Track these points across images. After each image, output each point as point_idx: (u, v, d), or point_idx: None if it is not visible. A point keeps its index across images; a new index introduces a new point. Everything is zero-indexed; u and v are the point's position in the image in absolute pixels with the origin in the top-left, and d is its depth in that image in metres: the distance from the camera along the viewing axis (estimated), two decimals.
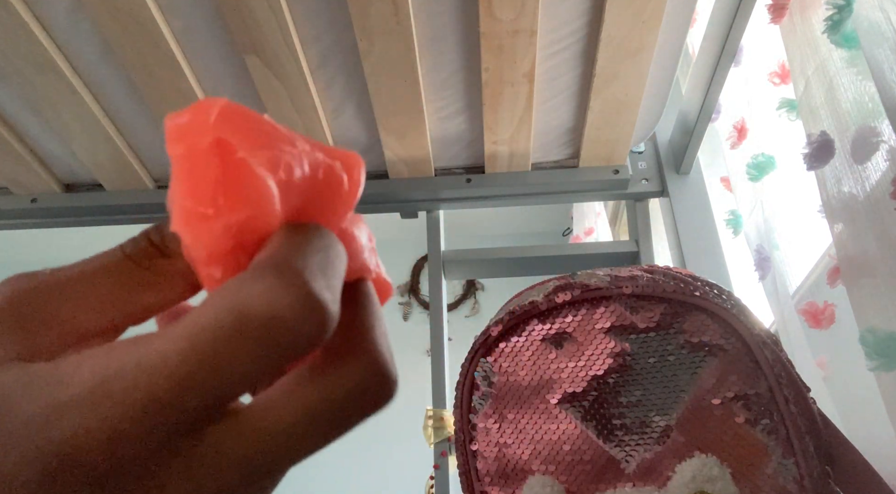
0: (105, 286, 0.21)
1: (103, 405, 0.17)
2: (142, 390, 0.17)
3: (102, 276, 0.21)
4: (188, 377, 0.17)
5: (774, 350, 0.51)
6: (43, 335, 0.20)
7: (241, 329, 0.17)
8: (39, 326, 0.20)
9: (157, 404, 0.17)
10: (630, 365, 0.53)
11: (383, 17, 0.92)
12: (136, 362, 0.17)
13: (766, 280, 0.89)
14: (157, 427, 0.17)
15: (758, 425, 0.49)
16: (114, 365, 0.17)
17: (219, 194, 0.19)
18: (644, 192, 1.26)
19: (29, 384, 0.17)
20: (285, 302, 0.17)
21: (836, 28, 0.65)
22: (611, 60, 0.99)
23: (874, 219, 0.63)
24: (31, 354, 0.19)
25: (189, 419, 0.17)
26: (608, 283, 0.55)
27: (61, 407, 0.17)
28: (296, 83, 1.03)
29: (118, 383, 0.17)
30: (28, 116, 1.14)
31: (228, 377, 0.17)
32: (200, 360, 0.17)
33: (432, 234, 1.31)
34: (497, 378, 0.57)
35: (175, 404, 0.17)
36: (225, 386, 0.17)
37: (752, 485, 0.48)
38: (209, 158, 0.19)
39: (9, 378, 0.18)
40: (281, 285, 0.17)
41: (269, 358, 0.17)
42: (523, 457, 0.55)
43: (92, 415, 0.16)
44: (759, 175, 0.91)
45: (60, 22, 0.97)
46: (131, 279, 0.21)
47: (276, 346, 0.17)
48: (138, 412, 0.17)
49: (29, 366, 0.18)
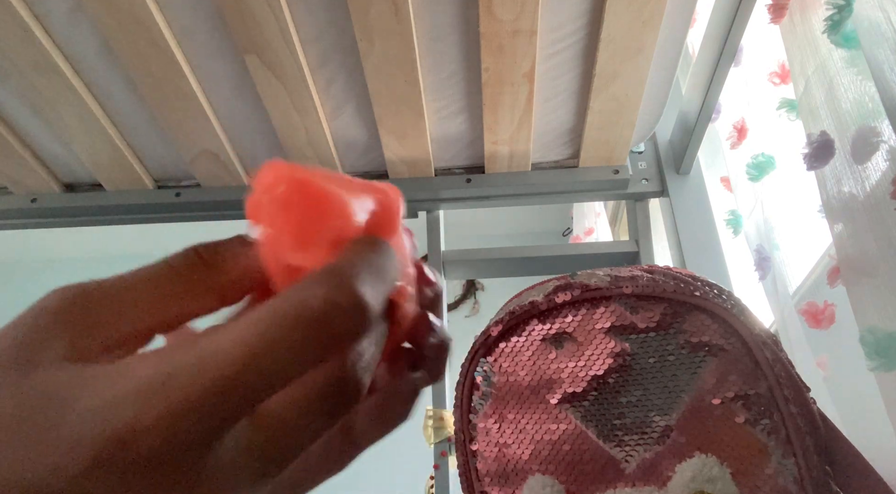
0: (146, 293, 0.23)
1: (165, 392, 0.18)
2: (207, 376, 0.19)
3: (144, 284, 0.23)
4: (251, 362, 0.19)
5: (774, 350, 0.51)
6: (87, 340, 0.21)
7: (301, 320, 0.20)
8: (84, 330, 0.21)
9: (220, 390, 0.19)
10: (630, 365, 0.53)
11: (383, 17, 0.92)
12: (199, 353, 0.19)
13: (766, 280, 0.89)
14: (214, 414, 0.19)
15: (758, 425, 0.49)
16: (177, 357, 0.19)
17: (314, 223, 0.23)
18: (644, 192, 1.26)
19: (86, 379, 0.19)
20: (337, 301, 0.21)
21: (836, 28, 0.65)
22: (611, 60, 0.99)
23: (874, 219, 0.63)
24: (76, 357, 0.21)
25: (243, 405, 0.19)
26: (608, 283, 0.55)
27: (121, 397, 0.18)
28: (296, 83, 1.03)
29: (182, 372, 0.19)
30: (28, 116, 1.14)
31: (285, 363, 0.20)
32: (264, 346, 0.19)
33: (432, 234, 1.31)
34: (497, 378, 0.57)
35: (236, 389, 0.19)
36: (280, 372, 0.20)
37: (752, 485, 0.48)
38: (296, 196, 0.23)
39: (65, 375, 0.19)
40: (335, 288, 0.21)
41: (319, 347, 0.20)
42: (523, 457, 0.55)
43: (153, 402, 0.18)
44: (759, 175, 0.91)
45: (60, 22, 0.97)
46: (171, 288, 0.23)
47: (326, 336, 0.20)
48: (201, 397, 0.18)
49: (84, 366, 0.20)
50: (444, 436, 1.15)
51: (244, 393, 0.19)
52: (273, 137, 1.15)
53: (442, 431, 1.15)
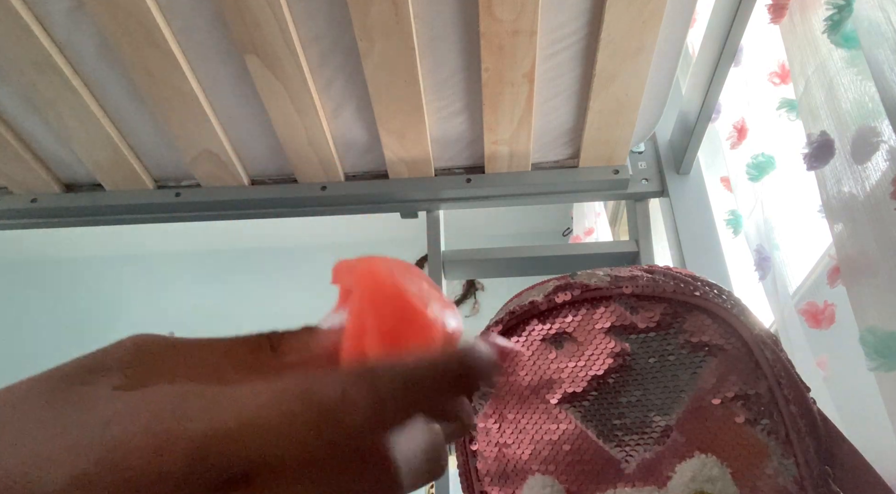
0: (210, 358, 0.25)
1: (169, 431, 0.20)
2: (211, 422, 0.20)
3: (210, 350, 0.25)
4: (252, 422, 0.20)
5: (774, 350, 0.51)
6: (141, 378, 0.23)
7: (309, 401, 0.21)
8: (142, 371, 0.24)
9: (219, 438, 0.20)
10: (630, 365, 0.53)
11: (383, 17, 0.92)
12: (212, 400, 0.21)
13: (766, 280, 0.89)
14: (212, 458, 0.20)
15: (758, 425, 0.49)
16: (191, 401, 0.21)
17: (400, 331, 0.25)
18: (644, 192, 1.26)
19: (115, 402, 0.21)
20: (351, 396, 0.21)
21: (836, 28, 0.65)
22: (611, 60, 0.99)
23: (874, 219, 0.63)
24: (125, 388, 0.23)
25: (238, 461, 0.20)
26: (608, 283, 0.55)
27: (131, 427, 0.20)
28: (296, 83, 1.03)
29: (190, 413, 0.21)
30: (28, 116, 1.14)
31: (282, 433, 0.20)
32: (268, 411, 0.21)
33: (432, 234, 1.31)
34: (497, 378, 0.57)
35: (232, 442, 0.20)
36: (276, 440, 0.20)
37: (752, 485, 0.48)
38: (387, 300, 0.25)
39: (104, 394, 0.22)
40: (357, 383, 0.21)
41: (321, 431, 0.21)
42: (523, 457, 0.55)
43: (149, 437, 0.20)
44: (759, 175, 0.91)
45: (60, 22, 0.97)
46: (233, 360, 0.25)
47: (330, 423, 0.21)
48: (198, 442, 0.20)
49: (122, 393, 0.22)
50: None
51: (238, 450, 0.20)
52: (273, 137, 1.15)
53: None
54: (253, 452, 0.20)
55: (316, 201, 1.27)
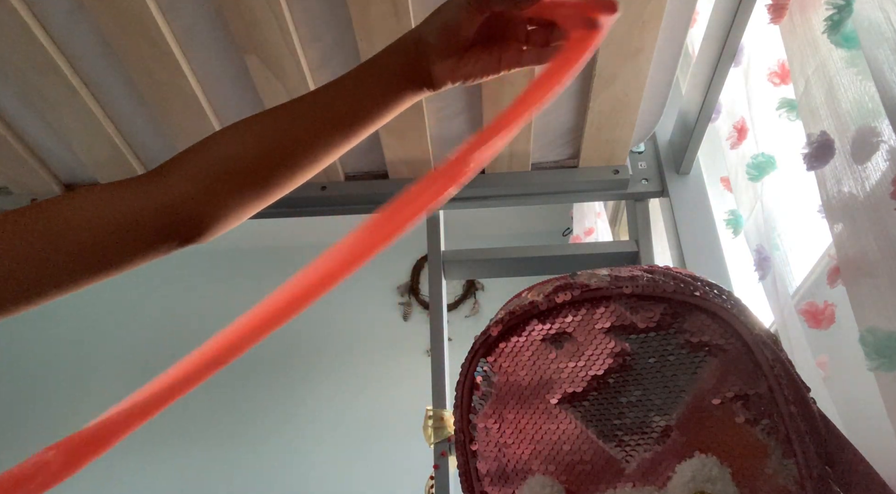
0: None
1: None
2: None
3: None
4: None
5: (774, 350, 0.51)
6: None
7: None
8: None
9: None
10: (630, 365, 0.53)
11: (383, 17, 0.92)
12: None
13: (766, 280, 0.89)
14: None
15: (758, 425, 0.49)
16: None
17: None
18: (644, 192, 1.26)
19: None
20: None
21: (836, 28, 0.65)
22: (611, 60, 0.99)
23: (874, 219, 0.63)
24: None
25: None
26: (608, 283, 0.55)
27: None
28: (296, 83, 1.03)
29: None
30: (28, 116, 1.14)
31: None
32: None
33: (432, 234, 1.31)
34: (497, 378, 0.57)
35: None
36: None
37: (752, 485, 0.48)
38: None
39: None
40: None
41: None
42: (523, 457, 0.55)
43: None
44: (759, 175, 0.91)
45: (60, 22, 0.97)
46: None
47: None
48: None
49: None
50: (444, 436, 1.14)
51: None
52: None
53: (442, 431, 1.15)
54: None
55: (316, 201, 1.27)
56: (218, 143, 0.53)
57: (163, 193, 0.50)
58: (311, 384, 2.82)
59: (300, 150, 0.53)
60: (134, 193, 0.49)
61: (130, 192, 0.49)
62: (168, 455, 2.69)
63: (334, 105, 0.54)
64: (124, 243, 0.48)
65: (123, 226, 0.48)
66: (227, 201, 0.52)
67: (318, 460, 2.66)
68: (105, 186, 0.49)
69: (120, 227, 0.47)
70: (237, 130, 0.53)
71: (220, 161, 0.51)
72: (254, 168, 0.52)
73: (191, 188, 0.50)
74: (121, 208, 0.48)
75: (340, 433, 2.71)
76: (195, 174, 0.51)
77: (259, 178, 0.52)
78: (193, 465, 2.70)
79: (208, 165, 0.51)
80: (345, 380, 2.81)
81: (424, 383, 1.27)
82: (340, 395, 2.78)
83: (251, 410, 2.77)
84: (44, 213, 0.45)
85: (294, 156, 0.53)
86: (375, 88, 0.54)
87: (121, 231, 0.47)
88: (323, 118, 0.54)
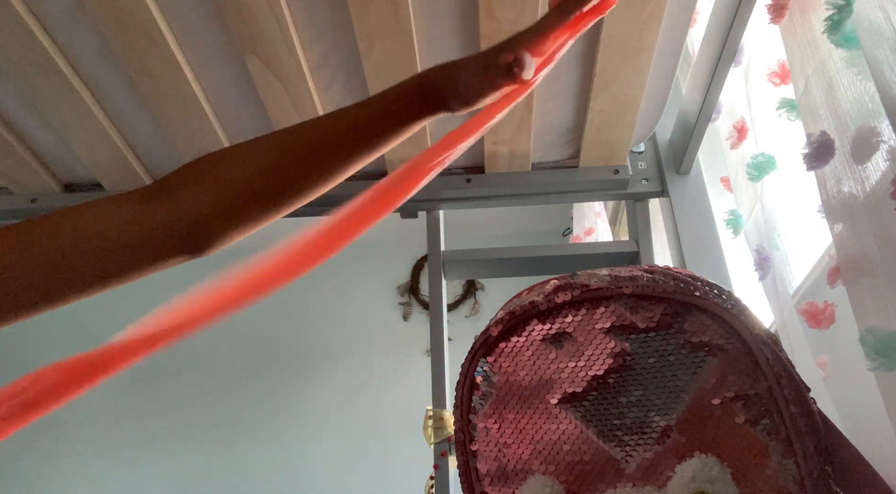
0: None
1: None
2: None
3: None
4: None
5: (774, 350, 0.51)
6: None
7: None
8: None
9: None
10: (630, 365, 0.53)
11: (383, 18, 0.92)
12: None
13: (766, 280, 0.89)
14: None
15: (758, 425, 0.49)
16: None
17: None
18: (644, 192, 1.26)
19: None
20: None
21: (836, 28, 0.65)
22: (611, 60, 0.99)
23: (874, 219, 0.63)
24: None
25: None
26: (608, 283, 0.55)
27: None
28: (296, 83, 1.03)
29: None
30: (28, 116, 1.14)
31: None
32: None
33: (432, 234, 1.31)
34: (497, 378, 0.57)
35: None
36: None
37: (752, 485, 0.48)
38: None
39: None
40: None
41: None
42: (523, 457, 0.55)
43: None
44: (759, 175, 0.91)
45: (60, 22, 0.97)
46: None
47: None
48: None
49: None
50: (444, 436, 1.14)
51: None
52: None
53: (442, 431, 1.15)
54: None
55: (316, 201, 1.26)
56: (227, 160, 0.54)
57: (171, 208, 0.51)
58: (310, 384, 2.82)
59: (311, 168, 0.56)
60: (142, 207, 0.51)
61: (138, 206, 0.51)
62: (167, 455, 2.69)
63: (343, 121, 0.58)
64: (132, 257, 0.49)
65: (131, 240, 0.49)
66: (234, 217, 0.53)
67: (318, 460, 2.66)
68: (112, 198, 0.50)
69: (128, 241, 0.49)
70: (248, 148, 0.55)
71: (229, 179, 0.53)
72: (262, 187, 0.54)
73: (200, 204, 0.52)
74: (129, 222, 0.49)
75: (340, 433, 2.71)
76: (204, 191, 0.52)
77: (267, 197, 0.54)
78: (192, 465, 2.70)
79: (218, 182, 0.52)
80: (345, 380, 2.81)
81: (424, 383, 1.27)
82: (340, 395, 2.78)
83: (251, 410, 2.77)
84: (53, 226, 0.47)
85: (305, 174, 0.56)
86: (388, 107, 0.59)
87: (129, 245, 0.49)
88: (335, 134, 0.57)
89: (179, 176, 0.53)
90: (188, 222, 0.51)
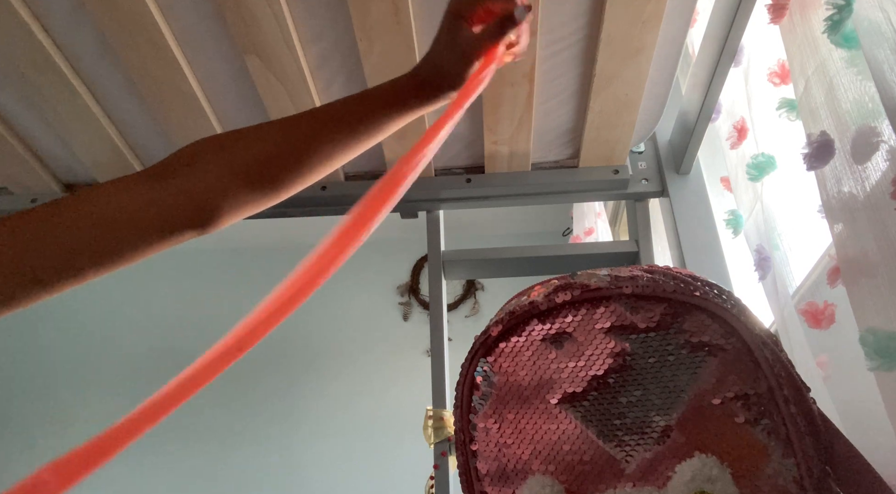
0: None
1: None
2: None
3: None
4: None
5: (774, 350, 0.51)
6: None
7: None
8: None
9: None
10: (630, 365, 0.53)
11: (383, 17, 0.92)
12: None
13: (766, 280, 0.89)
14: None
15: (758, 425, 0.49)
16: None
17: None
18: (644, 192, 1.26)
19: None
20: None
21: (836, 28, 0.65)
22: (611, 60, 0.99)
23: (874, 219, 0.63)
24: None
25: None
26: (608, 283, 0.55)
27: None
28: (296, 83, 1.03)
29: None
30: (28, 116, 1.14)
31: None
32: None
33: (432, 234, 1.31)
34: (497, 378, 0.57)
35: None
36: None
37: (752, 485, 0.48)
38: None
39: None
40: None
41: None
42: (523, 457, 0.55)
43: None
44: (759, 175, 0.91)
45: (60, 22, 0.97)
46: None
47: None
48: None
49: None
50: (444, 436, 1.14)
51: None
52: None
53: (442, 431, 1.15)
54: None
55: (316, 201, 1.27)
56: (239, 140, 0.58)
57: (179, 186, 0.54)
58: (310, 384, 2.82)
59: (312, 150, 0.59)
60: (148, 187, 0.54)
61: (146, 187, 0.54)
62: (167, 455, 2.69)
63: (346, 106, 0.62)
64: (144, 235, 0.52)
65: (143, 220, 0.52)
66: (241, 195, 0.57)
67: (319, 460, 2.66)
68: (115, 182, 0.53)
69: (140, 222, 0.52)
70: (258, 130, 0.59)
71: (241, 158, 0.57)
72: (269, 166, 0.57)
73: (212, 181, 0.55)
74: (139, 203, 0.52)
75: (340, 432, 2.71)
76: (217, 168, 0.56)
77: (273, 176, 0.58)
78: (192, 465, 2.70)
79: (230, 160, 0.56)
80: (344, 380, 2.81)
81: (424, 383, 1.27)
82: (340, 395, 2.79)
83: (251, 410, 2.77)
84: (68, 207, 0.51)
85: (307, 156, 0.59)
86: (384, 94, 0.63)
87: (141, 226, 0.52)
88: (334, 118, 0.61)
89: (193, 153, 0.57)
90: (201, 195, 0.55)
